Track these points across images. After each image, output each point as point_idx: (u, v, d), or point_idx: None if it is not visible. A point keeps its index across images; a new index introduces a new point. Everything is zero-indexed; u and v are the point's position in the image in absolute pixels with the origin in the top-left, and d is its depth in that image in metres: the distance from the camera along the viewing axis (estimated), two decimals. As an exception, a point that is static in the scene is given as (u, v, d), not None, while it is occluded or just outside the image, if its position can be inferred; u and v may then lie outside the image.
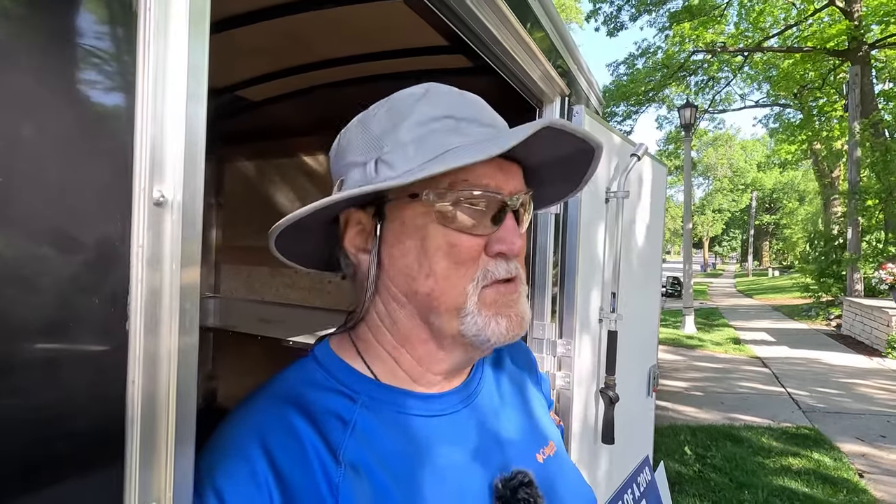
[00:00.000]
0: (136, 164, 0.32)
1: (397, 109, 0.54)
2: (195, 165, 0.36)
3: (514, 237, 0.52)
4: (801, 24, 14.17)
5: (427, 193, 0.51)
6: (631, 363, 1.77)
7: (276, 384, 0.54)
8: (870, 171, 10.10)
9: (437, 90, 0.55)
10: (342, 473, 0.47)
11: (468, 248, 0.51)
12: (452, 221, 0.51)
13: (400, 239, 0.53)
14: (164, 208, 0.33)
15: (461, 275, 0.51)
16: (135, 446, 0.34)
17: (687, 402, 5.26)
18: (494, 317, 0.52)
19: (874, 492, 3.30)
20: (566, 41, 1.43)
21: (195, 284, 0.35)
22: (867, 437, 4.27)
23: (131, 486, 0.34)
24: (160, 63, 0.34)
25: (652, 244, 1.99)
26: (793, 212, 34.71)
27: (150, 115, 0.34)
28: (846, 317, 9.24)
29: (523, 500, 0.51)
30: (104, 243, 0.31)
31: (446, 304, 0.52)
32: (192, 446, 0.37)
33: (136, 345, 0.33)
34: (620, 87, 17.26)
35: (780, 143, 20.26)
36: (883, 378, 6.16)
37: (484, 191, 0.51)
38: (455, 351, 0.55)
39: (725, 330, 9.90)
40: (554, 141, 0.53)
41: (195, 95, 0.36)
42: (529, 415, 0.66)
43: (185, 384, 0.35)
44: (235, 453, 0.47)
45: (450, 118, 0.52)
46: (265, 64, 2.08)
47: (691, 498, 3.21)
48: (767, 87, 18.16)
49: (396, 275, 0.54)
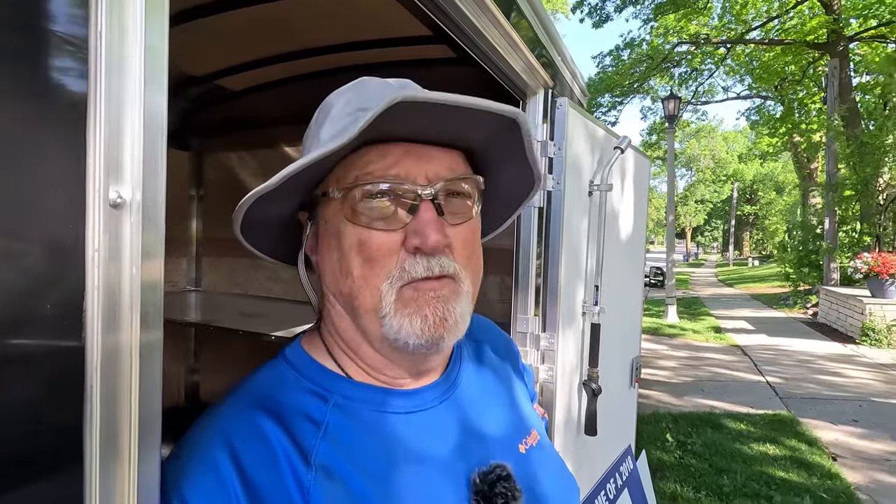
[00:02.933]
0: (89, 162, 0.31)
1: (323, 109, 0.54)
2: (156, 161, 0.34)
3: (429, 229, 0.47)
4: (783, 17, 14.34)
5: (332, 190, 0.49)
6: (614, 355, 1.79)
7: (244, 387, 0.53)
8: (846, 164, 10.32)
9: (363, 83, 0.53)
10: (313, 477, 0.46)
11: (378, 245, 0.48)
12: (360, 217, 0.49)
13: (325, 239, 0.53)
14: (122, 210, 0.32)
15: (375, 273, 0.48)
16: (94, 455, 0.32)
17: (669, 390, 5.36)
18: (409, 317, 0.48)
19: (846, 475, 3.41)
20: (550, 32, 1.42)
21: (158, 287, 0.34)
22: (840, 421, 4.40)
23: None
24: (114, 46, 0.32)
25: (635, 236, 2.00)
26: (771, 202, 35.38)
27: (103, 105, 0.32)
28: (822, 305, 9.48)
29: (501, 494, 0.50)
30: (56, 249, 0.29)
31: (364, 304, 0.50)
32: (158, 455, 0.36)
33: (93, 352, 0.31)
34: (606, 78, 17.32)
35: (761, 136, 20.59)
36: (856, 364, 6.35)
37: (388, 181, 0.48)
38: (391, 355, 0.52)
39: (707, 319, 10.09)
40: (475, 117, 0.47)
41: (154, 82, 0.34)
42: (511, 405, 0.65)
43: (149, 393, 0.34)
44: (202, 461, 0.45)
45: (361, 109, 0.49)
46: (245, 52, 2.03)
47: (673, 484, 3.28)
48: (749, 79, 18.37)
49: (326, 275, 0.54)
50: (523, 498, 0.51)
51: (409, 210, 0.49)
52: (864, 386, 5.44)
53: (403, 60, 1.95)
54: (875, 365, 6.31)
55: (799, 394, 5.21)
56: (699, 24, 15.49)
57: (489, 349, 0.69)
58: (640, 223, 2.06)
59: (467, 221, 0.53)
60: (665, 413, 4.59)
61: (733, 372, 6.13)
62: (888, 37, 12.92)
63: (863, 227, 10.07)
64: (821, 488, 3.20)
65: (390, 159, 0.49)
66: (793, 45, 13.93)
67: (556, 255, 1.32)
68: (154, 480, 0.36)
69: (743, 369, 6.23)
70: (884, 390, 5.27)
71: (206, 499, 0.43)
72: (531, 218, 1.34)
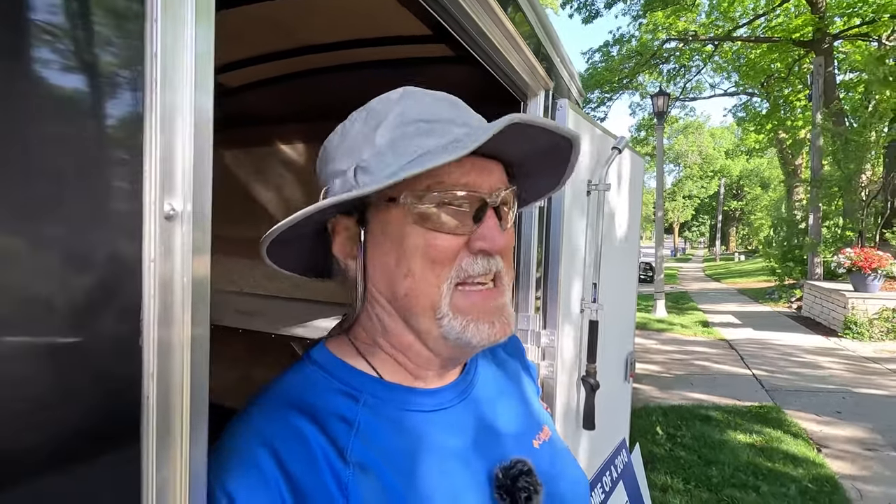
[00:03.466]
0: (146, 175, 0.32)
1: (373, 115, 0.55)
2: (204, 171, 0.35)
3: (495, 234, 0.53)
4: (769, 15, 14.52)
5: (405, 197, 0.52)
6: (610, 350, 1.82)
7: (275, 390, 0.54)
8: (831, 160, 10.52)
9: (412, 94, 0.56)
10: (351, 473, 0.48)
11: (445, 248, 0.52)
12: (430, 222, 0.52)
13: (381, 243, 0.54)
14: (174, 222, 0.33)
15: (437, 273, 0.52)
16: (151, 457, 0.34)
17: (659, 383, 5.45)
18: (475, 321, 0.53)
19: (831, 464, 3.51)
20: (549, 32, 1.43)
21: (206, 291, 0.35)
22: (824, 413, 4.52)
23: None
24: (168, 53, 0.33)
25: (630, 234, 2.04)
26: (757, 198, 35.91)
27: (158, 118, 0.33)
28: (806, 299, 9.67)
29: (524, 488, 0.52)
30: (115, 261, 0.31)
31: (422, 304, 0.53)
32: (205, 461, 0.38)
33: (149, 361, 0.32)
34: (595, 74, 17.40)
35: (748, 132, 20.86)
36: (839, 357, 6.51)
37: (460, 190, 0.52)
38: (443, 352, 0.56)
39: (695, 313, 10.24)
40: (531, 134, 0.54)
41: (203, 88, 0.35)
42: (523, 402, 0.68)
43: (198, 400, 0.35)
44: (243, 459, 0.47)
45: (422, 121, 0.53)
46: (243, 49, 2.02)
47: (663, 476, 3.34)
48: (736, 76, 18.59)
49: (379, 279, 0.55)
50: (543, 492, 0.53)
51: (475, 216, 0.53)
52: (847, 378, 5.58)
53: (401, 59, 1.95)
54: (857, 357, 6.47)
55: (784, 386, 5.33)
56: (687, 20, 15.63)
57: (500, 348, 0.72)
58: (635, 221, 2.10)
59: (510, 227, 0.58)
60: (655, 406, 4.67)
61: (721, 365, 6.24)
62: (871, 35, 13.15)
63: (845, 223, 10.28)
64: (806, 478, 3.29)
65: (463, 170, 0.52)
66: (779, 43, 14.13)
67: (556, 253, 1.34)
68: (202, 462, 0.38)
69: (730, 363, 6.35)
70: (866, 382, 5.41)
71: (251, 493, 0.45)
72: (532, 217, 1.36)
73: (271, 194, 2.60)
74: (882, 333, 7.40)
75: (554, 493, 0.57)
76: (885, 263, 7.59)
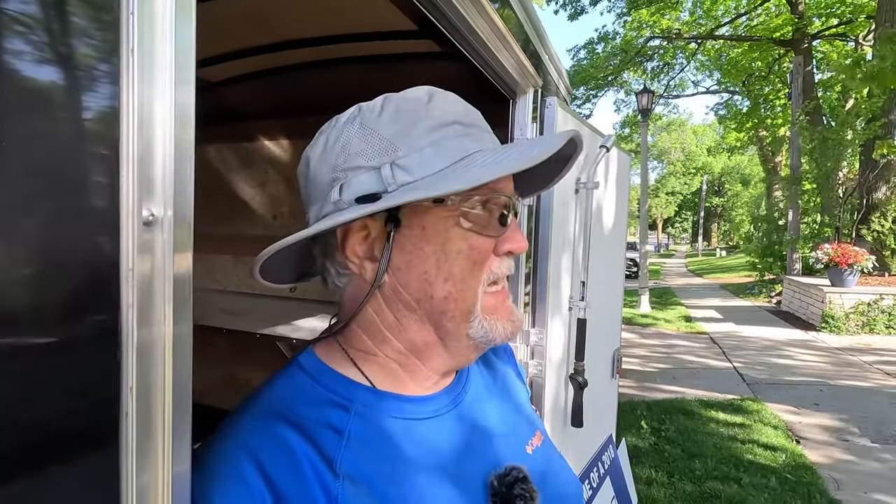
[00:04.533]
0: (122, 179, 0.30)
1: (406, 112, 0.52)
2: (186, 170, 0.33)
3: (519, 235, 0.56)
4: (751, 14, 14.75)
5: (453, 198, 0.51)
6: (597, 347, 1.83)
7: (261, 399, 0.52)
8: (809, 158, 10.74)
9: (442, 95, 0.55)
10: (340, 486, 0.47)
11: (485, 250, 0.53)
12: (473, 224, 0.52)
13: (418, 244, 0.52)
14: (154, 228, 0.31)
15: (475, 276, 0.53)
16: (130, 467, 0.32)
17: (643, 378, 5.52)
18: (500, 321, 0.55)
19: (809, 456, 3.59)
20: (538, 28, 1.42)
21: (189, 310, 0.33)
22: (802, 405, 4.63)
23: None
24: (146, 46, 0.31)
25: (617, 231, 2.05)
26: (738, 194, 36.57)
27: (135, 113, 0.31)
28: (786, 294, 9.88)
29: (520, 495, 0.52)
30: (89, 272, 0.29)
31: (461, 307, 0.53)
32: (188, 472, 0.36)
33: (128, 375, 0.30)
34: (580, 71, 17.50)
35: (729, 130, 21.21)
36: (817, 350, 6.67)
37: (499, 194, 0.53)
38: (460, 352, 0.56)
39: (678, 308, 10.40)
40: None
41: (184, 83, 0.34)
42: (515, 406, 0.67)
43: (181, 413, 0.33)
44: (228, 474, 0.45)
45: (458, 123, 0.53)
46: (225, 43, 1.97)
47: (648, 469, 3.39)
48: (718, 74, 18.87)
49: (412, 281, 0.53)
50: (539, 498, 0.52)
51: (501, 219, 0.54)
52: (825, 370, 5.72)
53: (386, 55, 1.93)
54: (834, 350, 6.64)
55: (764, 379, 5.44)
56: (671, 18, 15.80)
57: (490, 351, 0.71)
58: (622, 218, 2.11)
59: None
60: (640, 401, 4.73)
61: (703, 359, 6.35)
62: (849, 35, 13.45)
63: (823, 219, 10.52)
64: (786, 469, 3.37)
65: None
66: (759, 42, 14.37)
67: (545, 252, 1.34)
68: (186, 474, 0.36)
69: (712, 357, 6.47)
70: (842, 374, 5.56)
71: None
72: (521, 216, 1.35)
73: (253, 190, 2.56)
74: (857, 327, 7.61)
75: (548, 499, 0.56)
76: (860, 259, 7.79)
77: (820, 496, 3.02)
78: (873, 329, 7.54)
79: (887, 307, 7.58)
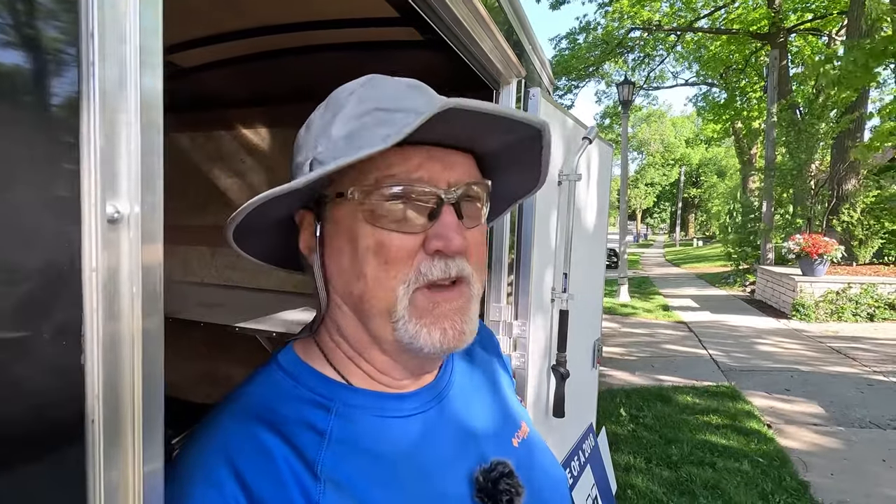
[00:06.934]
0: (83, 172, 0.28)
1: (332, 105, 0.51)
2: (153, 162, 0.31)
3: (451, 233, 0.48)
4: (729, 7, 14.93)
5: (352, 192, 0.48)
6: (578, 337, 1.85)
7: (239, 399, 0.51)
8: (784, 150, 10.99)
9: (375, 81, 0.52)
10: (322, 489, 0.45)
11: (398, 248, 0.48)
12: (380, 219, 0.48)
13: (335, 240, 0.51)
14: (119, 226, 0.29)
15: (391, 276, 0.48)
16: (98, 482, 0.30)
17: (622, 366, 5.63)
18: (427, 327, 0.49)
19: (780, 440, 3.72)
20: (521, 17, 1.41)
21: (158, 306, 0.31)
22: (774, 391, 4.78)
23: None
24: (107, 25, 0.29)
25: (598, 222, 2.06)
26: (714, 185, 37.28)
27: (97, 100, 0.28)
28: (759, 283, 10.15)
29: (505, 490, 0.51)
30: (48, 274, 0.27)
31: (377, 306, 0.49)
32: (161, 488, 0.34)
33: (94, 382, 0.28)
34: (562, 61, 17.51)
35: (707, 122, 21.56)
36: (788, 338, 6.88)
37: (413, 185, 0.48)
38: (400, 357, 0.53)
39: (656, 298, 10.59)
40: (497, 125, 0.49)
41: (149, 66, 0.31)
42: (501, 400, 0.66)
43: (151, 419, 0.32)
44: (202, 479, 0.44)
45: (380, 110, 0.48)
46: (197, 27, 1.90)
47: (626, 456, 3.46)
48: (697, 66, 19.11)
49: (335, 277, 0.52)
50: (525, 493, 0.52)
51: (430, 214, 0.49)
52: (795, 358, 5.91)
53: (367, 42, 1.89)
54: (804, 338, 6.86)
55: (738, 366, 5.59)
56: (652, 10, 15.88)
57: (476, 344, 0.70)
58: (603, 209, 2.12)
59: (479, 225, 0.54)
60: (619, 389, 4.82)
61: (680, 347, 6.49)
62: (822, 30, 13.74)
63: (796, 210, 10.80)
64: (757, 453, 3.48)
65: (414, 162, 0.48)
66: (737, 35, 14.58)
67: (527, 244, 1.34)
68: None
69: (689, 345, 6.62)
70: (812, 361, 5.75)
71: None
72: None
73: (231, 180, 2.50)
74: (826, 315, 7.87)
75: (534, 492, 0.56)
76: (830, 249, 8.04)
77: (790, 478, 3.13)
78: (841, 317, 7.81)
79: (854, 296, 7.85)
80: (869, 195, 9.84)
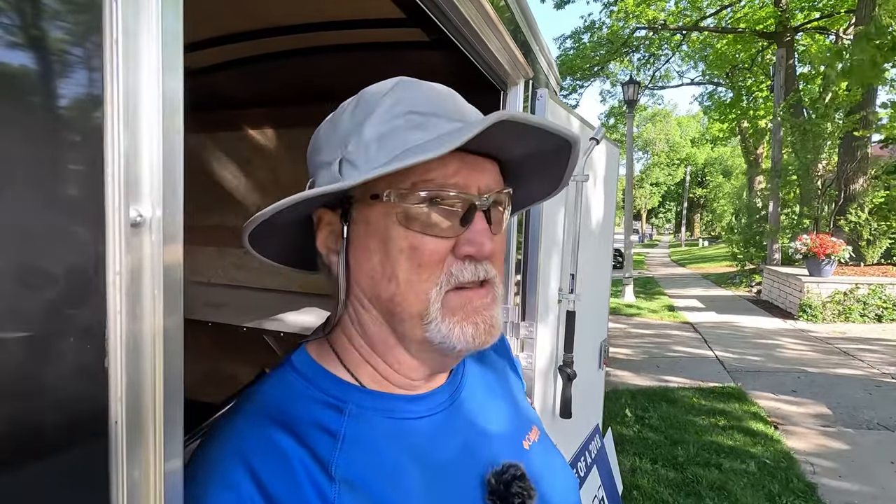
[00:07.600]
0: (107, 177, 0.28)
1: (363, 106, 0.51)
2: (175, 165, 0.31)
3: (484, 238, 0.50)
4: (735, 5, 14.85)
5: (388, 194, 0.49)
6: (585, 338, 1.85)
7: (254, 400, 0.51)
8: (790, 150, 10.92)
9: (406, 84, 0.52)
10: (337, 490, 0.46)
11: (431, 251, 0.49)
12: (415, 223, 0.49)
13: (364, 241, 0.51)
14: (141, 230, 0.29)
15: (424, 279, 0.49)
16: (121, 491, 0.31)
17: (628, 367, 5.61)
18: (460, 324, 0.50)
19: (786, 441, 3.70)
20: (528, 17, 1.40)
21: (179, 308, 0.32)
22: (780, 392, 4.75)
23: None
24: (130, 30, 0.29)
25: (605, 223, 2.06)
26: (720, 185, 37.09)
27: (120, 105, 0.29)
28: (765, 284, 10.09)
29: (517, 493, 0.51)
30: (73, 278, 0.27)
31: (409, 310, 0.50)
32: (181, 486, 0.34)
33: (117, 384, 0.29)
34: (567, 61, 17.47)
35: (713, 121, 21.45)
36: (794, 338, 6.84)
37: (449, 190, 0.49)
38: (426, 357, 0.54)
39: (661, 298, 10.55)
40: (527, 134, 0.51)
41: (171, 69, 0.32)
42: (512, 402, 0.67)
43: (172, 419, 0.32)
44: (218, 481, 0.44)
45: (414, 113, 0.49)
46: (206, 29, 1.91)
47: (632, 457, 3.45)
48: (703, 65, 19.02)
49: (362, 278, 0.52)
50: (536, 495, 0.52)
51: (462, 219, 0.50)
52: (802, 359, 5.87)
53: (374, 43, 1.89)
54: (811, 339, 6.81)
55: (744, 367, 5.57)
56: (657, 9, 15.82)
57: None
58: (610, 210, 2.11)
59: (503, 231, 0.55)
60: (624, 389, 4.81)
61: (686, 348, 6.47)
62: (829, 29, 13.64)
63: (802, 210, 10.73)
64: (764, 454, 3.46)
65: (451, 168, 0.49)
66: (743, 34, 14.49)
67: (535, 245, 1.34)
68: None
69: (694, 345, 6.59)
70: (819, 362, 5.71)
71: None
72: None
73: (238, 180, 2.51)
74: (834, 315, 7.82)
75: (545, 495, 0.56)
76: (837, 249, 7.98)
77: (797, 480, 3.11)
78: (849, 318, 7.75)
79: (862, 296, 7.79)
80: (877, 195, 9.76)
